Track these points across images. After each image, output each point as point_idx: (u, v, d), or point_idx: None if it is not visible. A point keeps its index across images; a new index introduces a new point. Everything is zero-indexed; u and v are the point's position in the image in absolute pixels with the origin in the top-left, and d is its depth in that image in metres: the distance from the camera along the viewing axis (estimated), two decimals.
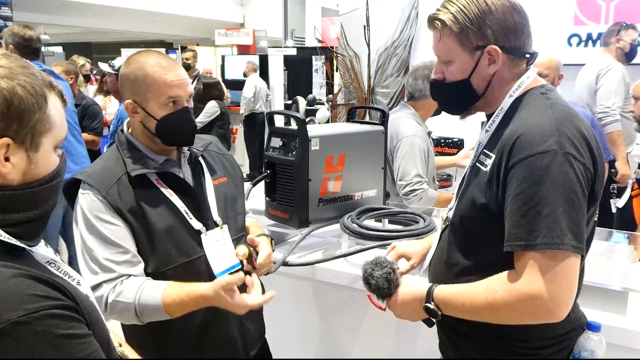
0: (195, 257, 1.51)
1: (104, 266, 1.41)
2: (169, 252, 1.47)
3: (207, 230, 1.53)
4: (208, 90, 6.55)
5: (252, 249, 1.55)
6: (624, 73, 3.82)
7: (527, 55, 1.27)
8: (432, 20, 1.29)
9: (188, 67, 7.73)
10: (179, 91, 1.49)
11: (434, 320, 1.31)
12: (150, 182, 1.50)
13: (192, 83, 5.24)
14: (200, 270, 1.52)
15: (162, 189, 1.50)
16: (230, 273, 1.52)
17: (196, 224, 1.51)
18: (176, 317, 1.42)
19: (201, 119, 6.36)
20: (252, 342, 1.66)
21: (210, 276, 1.50)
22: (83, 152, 3.69)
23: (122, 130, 1.57)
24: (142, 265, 1.46)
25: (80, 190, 1.46)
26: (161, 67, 1.48)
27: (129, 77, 1.50)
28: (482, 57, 1.25)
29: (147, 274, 1.46)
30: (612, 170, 3.62)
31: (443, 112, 2.65)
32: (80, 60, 5.83)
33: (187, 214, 1.51)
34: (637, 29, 4.03)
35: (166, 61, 1.50)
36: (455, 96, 1.34)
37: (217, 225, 1.56)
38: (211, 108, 6.51)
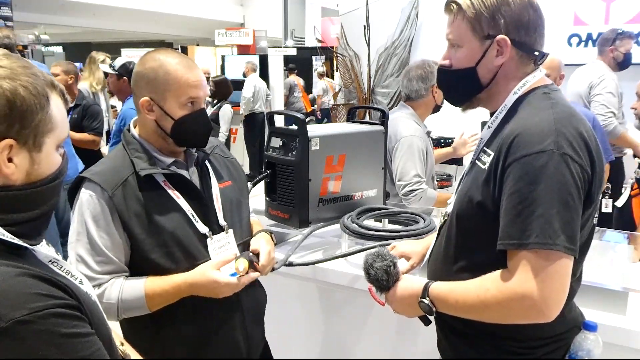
0: (200, 262, 1.47)
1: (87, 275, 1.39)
2: (174, 255, 1.45)
3: (212, 234, 1.51)
4: (221, 88, 6.44)
5: (252, 254, 1.53)
6: (617, 84, 3.81)
7: (536, 53, 1.27)
8: (449, 3, 1.30)
9: None
10: (199, 92, 1.48)
11: (430, 318, 1.31)
12: (158, 184, 1.47)
13: None
14: None
15: (169, 191, 1.47)
16: None
17: (202, 228, 1.49)
18: (154, 310, 1.42)
19: (224, 129, 6.30)
20: (255, 348, 1.65)
21: None
22: (71, 152, 3.66)
23: (128, 130, 1.54)
24: (125, 275, 1.45)
25: (83, 189, 1.43)
26: (183, 66, 1.46)
27: (147, 75, 1.46)
28: (491, 47, 1.25)
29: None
30: (612, 170, 3.61)
31: (442, 111, 2.73)
32: (100, 56, 5.43)
33: (194, 217, 1.49)
34: (633, 36, 4.02)
35: (186, 61, 1.49)
36: (459, 84, 1.34)
37: (222, 230, 1.54)
38: (227, 113, 6.41)
